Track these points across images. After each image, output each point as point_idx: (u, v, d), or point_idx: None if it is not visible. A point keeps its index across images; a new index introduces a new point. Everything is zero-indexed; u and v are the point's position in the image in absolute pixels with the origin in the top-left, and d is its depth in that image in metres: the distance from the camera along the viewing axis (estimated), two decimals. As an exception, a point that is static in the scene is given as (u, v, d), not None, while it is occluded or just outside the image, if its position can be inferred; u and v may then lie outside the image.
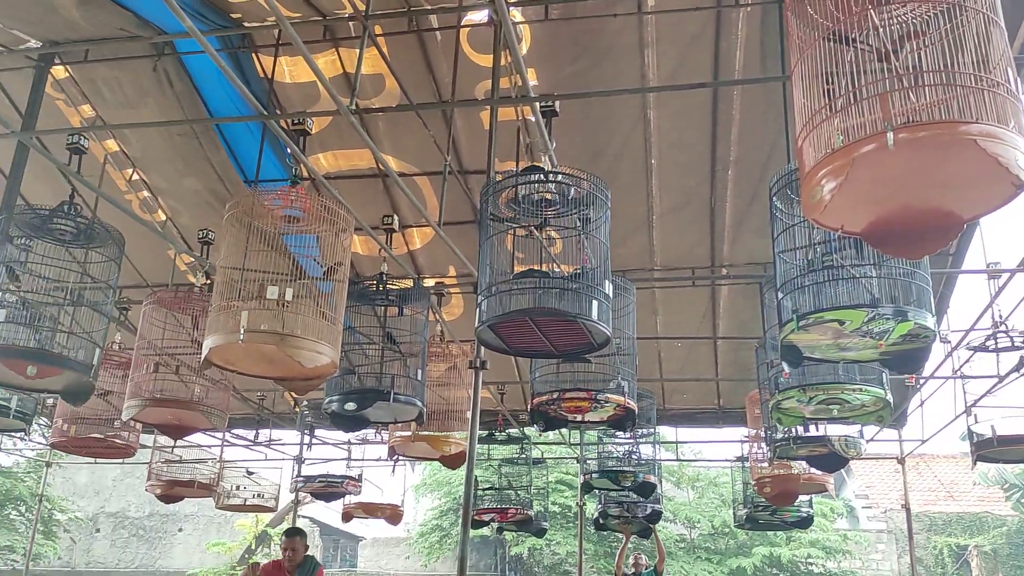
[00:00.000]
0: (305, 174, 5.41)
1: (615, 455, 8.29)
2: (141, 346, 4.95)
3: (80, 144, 4.24)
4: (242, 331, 3.24)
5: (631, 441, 8.28)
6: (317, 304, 3.64)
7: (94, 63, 5.43)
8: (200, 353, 4.76)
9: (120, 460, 7.54)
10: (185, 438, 6.56)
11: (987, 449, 5.81)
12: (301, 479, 8.52)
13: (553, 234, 4.20)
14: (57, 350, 4.12)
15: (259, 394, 8.99)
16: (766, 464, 6.87)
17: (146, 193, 6.60)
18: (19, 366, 3.95)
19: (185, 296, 5.07)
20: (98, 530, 22.88)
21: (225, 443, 9.88)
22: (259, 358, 3.57)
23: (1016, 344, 5.68)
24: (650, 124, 5.81)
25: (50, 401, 7.46)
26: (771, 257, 3.86)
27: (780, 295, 3.52)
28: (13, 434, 9.83)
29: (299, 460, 8.38)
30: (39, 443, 12.35)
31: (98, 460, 8.71)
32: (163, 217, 6.80)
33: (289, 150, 5.78)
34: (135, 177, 6.46)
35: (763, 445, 6.56)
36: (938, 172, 2.07)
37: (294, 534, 6.27)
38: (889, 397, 4.36)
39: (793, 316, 3.35)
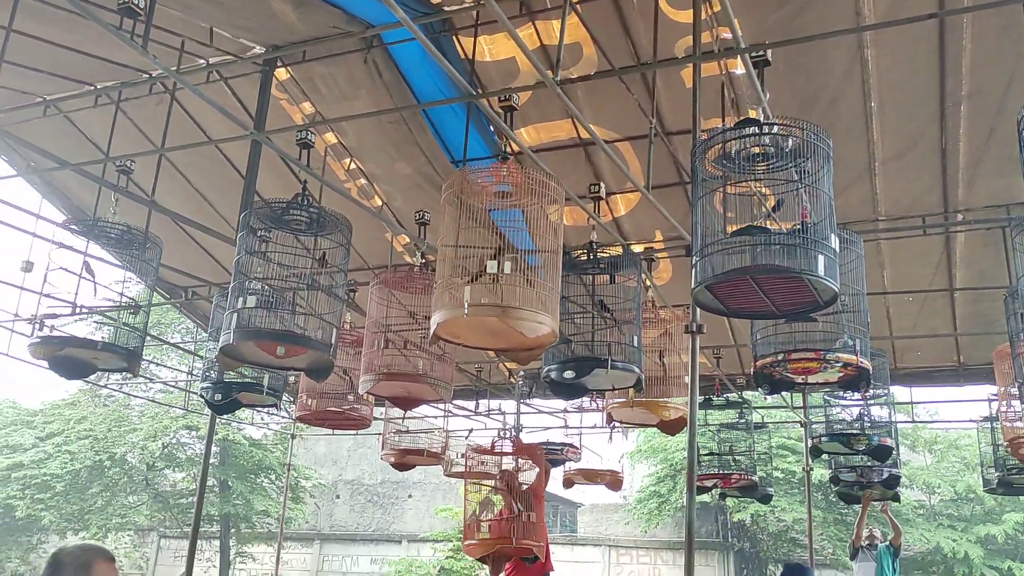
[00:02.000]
0: (512, 149, 5.53)
1: (843, 418, 7.88)
2: (370, 325, 5.29)
3: (308, 139, 4.57)
4: (466, 306, 3.38)
5: (860, 403, 7.84)
6: (527, 277, 3.72)
7: (311, 62, 5.83)
8: (423, 329, 5.04)
9: (354, 432, 8.14)
10: (412, 410, 7.00)
11: None
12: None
13: (764, 190, 4.03)
14: (299, 331, 4.48)
15: (476, 366, 9.36)
16: (1021, 423, 6.25)
17: (363, 180, 7.02)
18: (270, 347, 4.35)
19: (406, 276, 5.34)
20: (338, 496, 24.99)
21: (448, 414, 10.39)
22: (482, 331, 3.71)
23: None
24: (867, 65, 5.41)
25: (292, 379, 8.18)
26: (1017, 197, 3.48)
27: (1036, 237, 3.16)
28: (262, 409, 10.87)
29: (517, 428, 8.65)
30: (284, 417, 13.62)
31: (335, 432, 9.43)
32: (379, 202, 7.21)
33: (493, 127, 5.97)
34: (352, 166, 6.89)
35: (1016, 403, 5.97)
36: None
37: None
38: None
39: (1054, 259, 3.00)
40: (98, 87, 6.33)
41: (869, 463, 8.11)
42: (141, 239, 5.46)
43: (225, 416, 7.62)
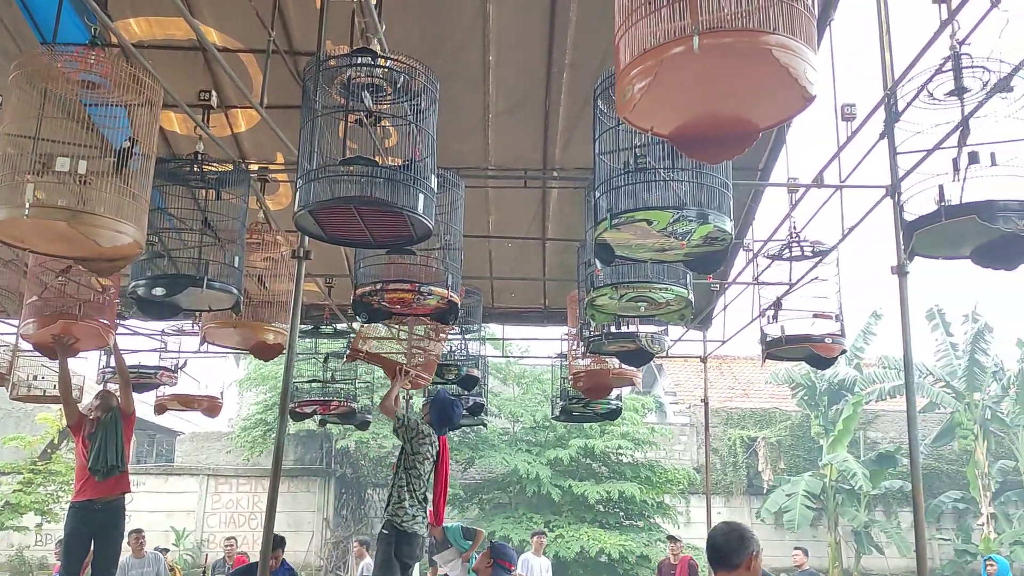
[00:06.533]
0: (113, 40, 4.96)
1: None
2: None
3: None
4: (27, 205, 2.97)
5: (459, 337, 8.44)
6: (127, 181, 3.39)
7: None
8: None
9: None
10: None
11: (776, 347, 6.38)
12: (110, 369, 8.09)
13: (386, 123, 4.11)
14: None
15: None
16: (585, 361, 7.23)
17: (-78, 47, 5.82)
18: None
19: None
20: None
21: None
22: (53, 236, 3.29)
23: (806, 253, 6.21)
24: (489, 20, 5.71)
25: None
26: (597, 161, 3.95)
27: (597, 195, 3.63)
28: None
29: (105, 350, 7.90)
30: None
31: None
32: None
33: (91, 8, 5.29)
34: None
35: (581, 342, 6.87)
36: (738, 80, 2.18)
37: (108, 393, 6.90)
38: (690, 297, 4.67)
39: (607, 215, 3.48)
40: None
41: (459, 392, 8.78)
42: None
43: None
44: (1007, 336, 41.10)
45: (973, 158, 3.98)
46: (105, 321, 5.68)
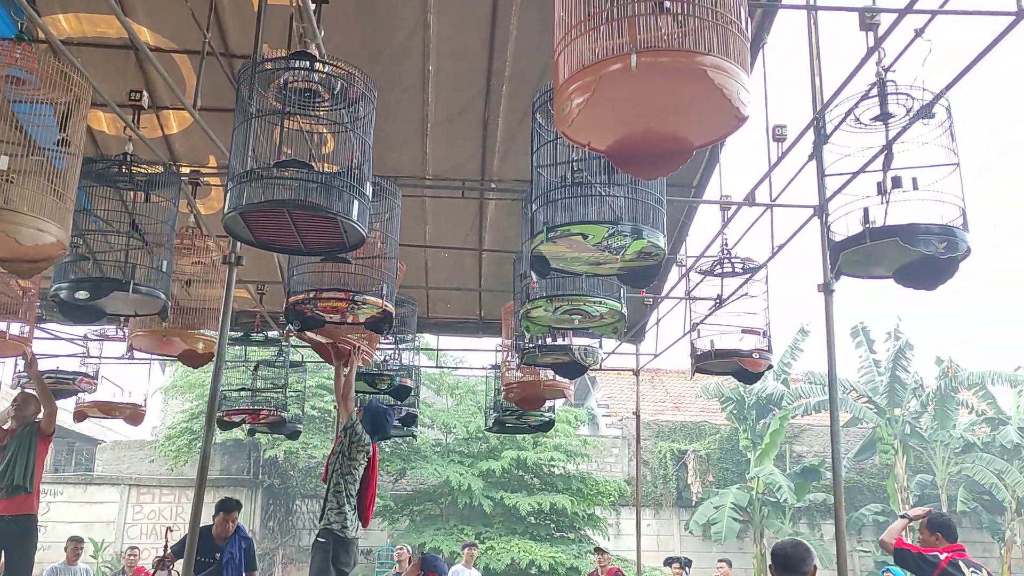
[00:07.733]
0: (40, 36, 4.81)
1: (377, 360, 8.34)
2: None
3: None
4: (-59, 200, 2.85)
5: (393, 347, 8.38)
6: (51, 180, 3.28)
7: None
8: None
9: None
10: None
11: (705, 361, 6.51)
12: (25, 375, 7.78)
13: (322, 130, 4.07)
14: None
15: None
16: (516, 372, 7.24)
17: None
18: None
19: None
20: None
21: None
22: (-31, 234, 3.17)
23: (737, 270, 6.37)
24: (430, 29, 5.71)
25: None
26: (535, 174, 3.97)
27: (534, 207, 3.65)
28: None
29: (21, 355, 7.58)
30: None
31: None
32: None
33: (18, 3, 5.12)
34: None
35: (515, 354, 6.89)
36: (674, 98, 2.23)
37: (27, 397, 6.61)
38: (624, 310, 4.73)
39: (544, 228, 3.51)
40: None
41: (392, 403, 8.71)
42: None
43: None
44: (927, 354, 42.90)
45: (896, 182, 4.13)
46: (24, 330, 5.47)
